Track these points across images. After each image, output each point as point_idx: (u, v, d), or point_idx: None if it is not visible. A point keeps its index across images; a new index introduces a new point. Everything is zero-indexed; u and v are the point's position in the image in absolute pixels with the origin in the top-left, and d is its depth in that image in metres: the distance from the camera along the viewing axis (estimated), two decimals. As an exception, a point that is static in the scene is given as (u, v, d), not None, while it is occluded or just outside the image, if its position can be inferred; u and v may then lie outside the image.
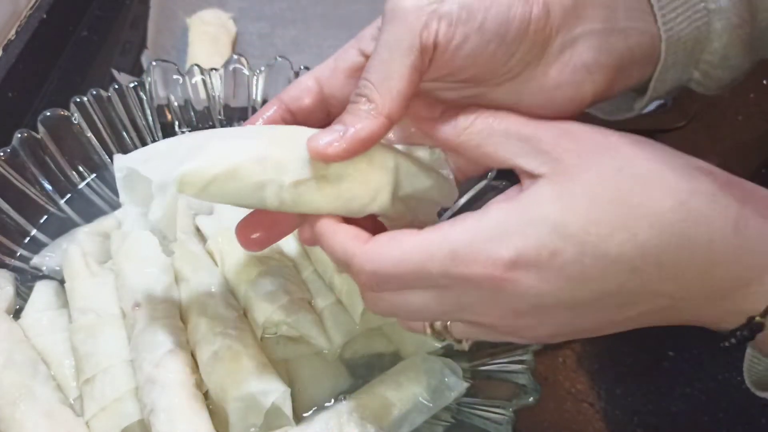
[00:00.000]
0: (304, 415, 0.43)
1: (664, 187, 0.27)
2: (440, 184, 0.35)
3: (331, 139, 0.30)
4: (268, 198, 0.31)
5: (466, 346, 0.33)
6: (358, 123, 0.30)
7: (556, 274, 0.27)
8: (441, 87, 0.33)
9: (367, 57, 0.33)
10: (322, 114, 0.35)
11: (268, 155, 0.31)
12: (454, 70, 0.31)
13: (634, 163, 0.28)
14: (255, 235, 0.35)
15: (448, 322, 0.32)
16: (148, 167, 0.30)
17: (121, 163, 0.32)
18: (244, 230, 0.36)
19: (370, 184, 0.32)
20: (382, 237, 0.30)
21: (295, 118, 0.35)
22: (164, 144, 0.33)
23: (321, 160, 0.30)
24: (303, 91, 0.35)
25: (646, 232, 0.26)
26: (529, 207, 0.27)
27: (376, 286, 0.30)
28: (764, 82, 0.75)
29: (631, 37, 0.32)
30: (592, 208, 0.27)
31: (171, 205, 0.30)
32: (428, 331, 0.32)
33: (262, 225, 0.36)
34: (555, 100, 0.32)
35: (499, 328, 0.30)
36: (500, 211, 0.28)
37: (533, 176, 0.29)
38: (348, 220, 0.32)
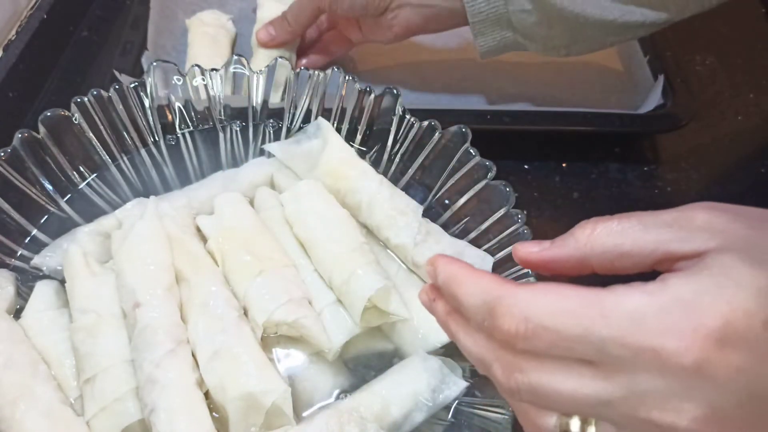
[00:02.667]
0: (304, 414, 0.43)
1: None
2: None
3: (271, 37, 0.65)
4: None
5: None
6: (281, 36, 0.65)
7: None
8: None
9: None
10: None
11: None
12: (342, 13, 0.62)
13: None
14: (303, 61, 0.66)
15: (593, 425, 0.24)
16: None
17: None
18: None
19: None
20: (538, 284, 0.25)
21: None
22: None
23: (263, 45, 0.66)
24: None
25: None
26: (719, 274, 0.22)
27: (522, 340, 0.24)
28: (764, 82, 0.75)
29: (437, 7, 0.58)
30: None
31: None
32: None
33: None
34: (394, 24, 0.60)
35: None
36: (681, 280, 0.22)
37: (698, 254, 0.23)
38: None
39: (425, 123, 0.53)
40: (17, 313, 0.46)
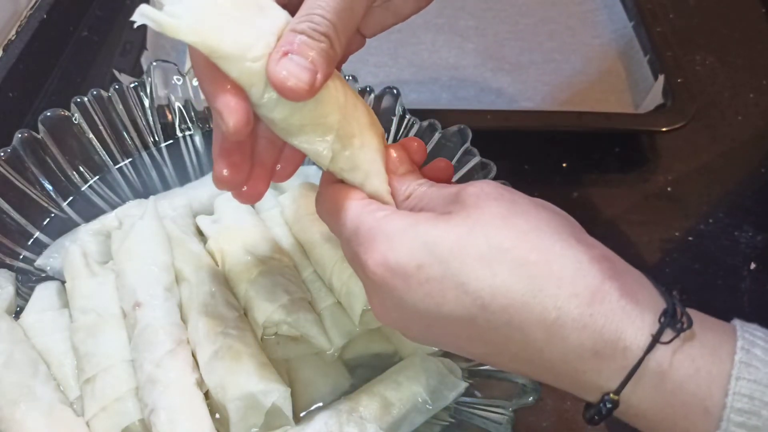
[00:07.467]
0: (303, 414, 0.43)
1: (537, 242, 0.28)
2: None
3: (307, 78, 0.30)
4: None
5: None
6: (325, 67, 0.31)
7: (418, 286, 0.29)
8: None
9: None
10: None
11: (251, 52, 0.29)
12: None
13: (522, 217, 0.29)
14: (225, 172, 0.33)
15: None
16: None
17: None
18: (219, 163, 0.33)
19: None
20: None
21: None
22: None
23: (292, 98, 0.30)
24: None
25: (504, 276, 0.27)
26: (418, 226, 0.29)
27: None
28: (764, 82, 0.75)
29: None
30: (464, 239, 0.28)
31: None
32: None
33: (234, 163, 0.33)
34: None
35: (377, 313, 0.32)
36: (404, 220, 0.30)
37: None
38: None
39: (425, 123, 0.53)
40: (17, 314, 0.46)
